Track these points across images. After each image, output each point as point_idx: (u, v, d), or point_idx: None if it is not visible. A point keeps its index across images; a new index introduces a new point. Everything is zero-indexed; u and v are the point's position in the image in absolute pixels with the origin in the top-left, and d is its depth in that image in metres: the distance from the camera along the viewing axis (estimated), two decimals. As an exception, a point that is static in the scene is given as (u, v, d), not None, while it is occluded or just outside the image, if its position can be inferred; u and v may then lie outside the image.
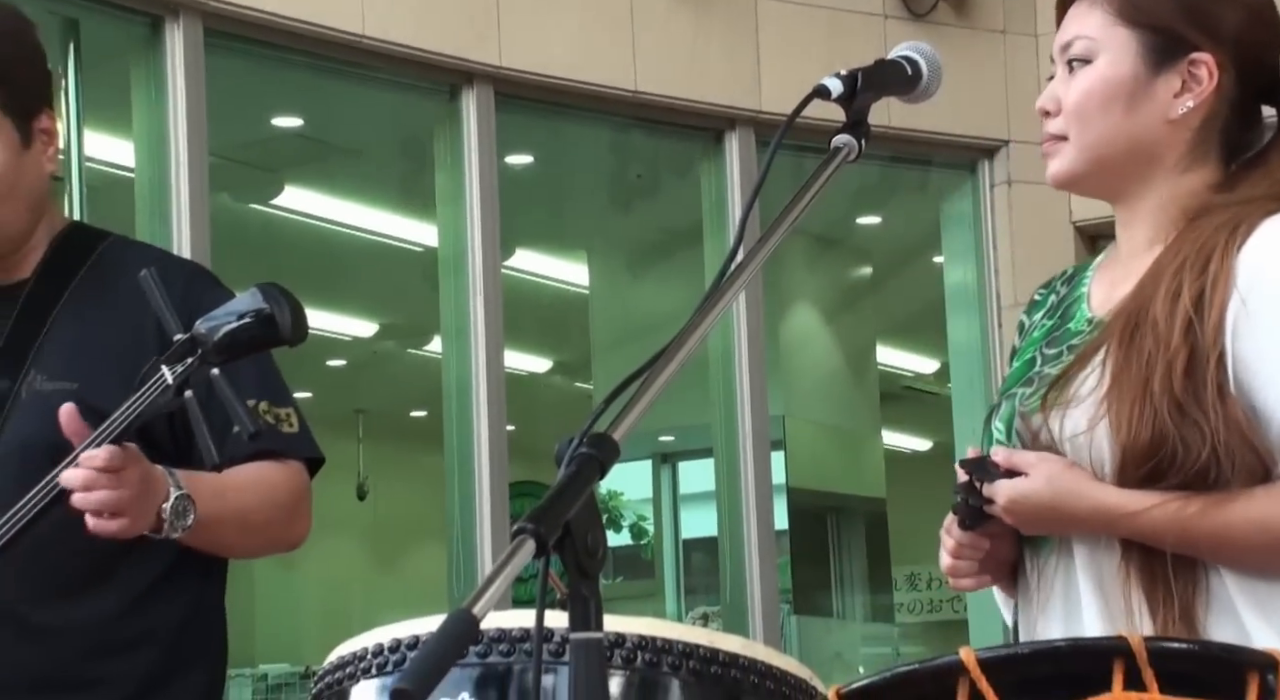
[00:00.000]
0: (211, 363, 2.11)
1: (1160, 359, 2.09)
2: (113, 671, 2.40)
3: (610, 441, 1.67)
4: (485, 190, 6.34)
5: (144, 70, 5.72)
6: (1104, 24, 2.22)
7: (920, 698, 1.71)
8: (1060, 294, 2.35)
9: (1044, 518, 2.14)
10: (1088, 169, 2.25)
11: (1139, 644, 1.66)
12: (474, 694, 2.00)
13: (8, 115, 2.42)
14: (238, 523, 2.38)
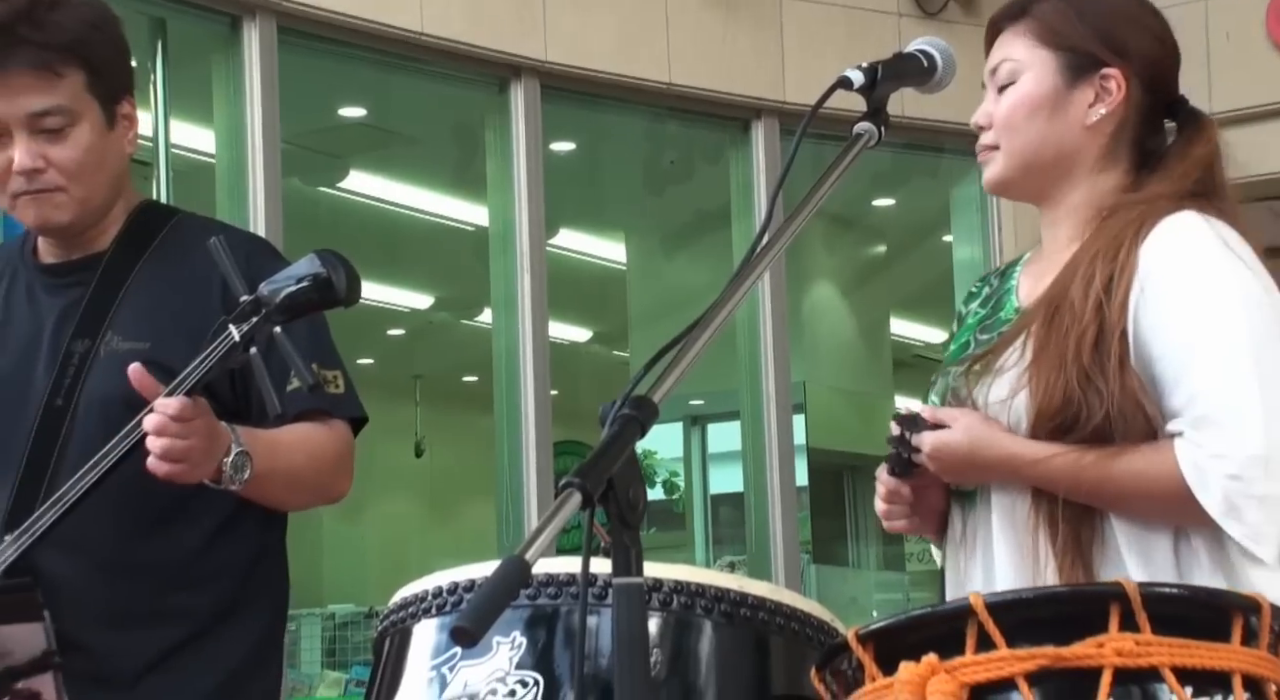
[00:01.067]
0: (274, 322, 2.12)
1: (1073, 334, 2.18)
2: (184, 606, 2.41)
3: (650, 404, 1.68)
4: (531, 175, 6.35)
5: (224, 65, 5.74)
6: (1027, 48, 2.33)
7: (933, 637, 1.70)
8: (993, 286, 2.44)
9: (961, 464, 2.22)
10: (1016, 174, 2.34)
11: (1134, 589, 1.66)
12: (524, 633, 2.01)
13: (95, 100, 2.43)
14: (287, 479, 2.38)
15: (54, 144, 2.40)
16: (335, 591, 7.40)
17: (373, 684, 2.16)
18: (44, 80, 2.38)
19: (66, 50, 2.38)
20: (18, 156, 2.39)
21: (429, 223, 8.04)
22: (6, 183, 2.42)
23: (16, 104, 2.38)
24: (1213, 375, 2.14)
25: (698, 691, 2.03)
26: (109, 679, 2.32)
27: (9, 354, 2.47)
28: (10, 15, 2.36)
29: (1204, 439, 2.10)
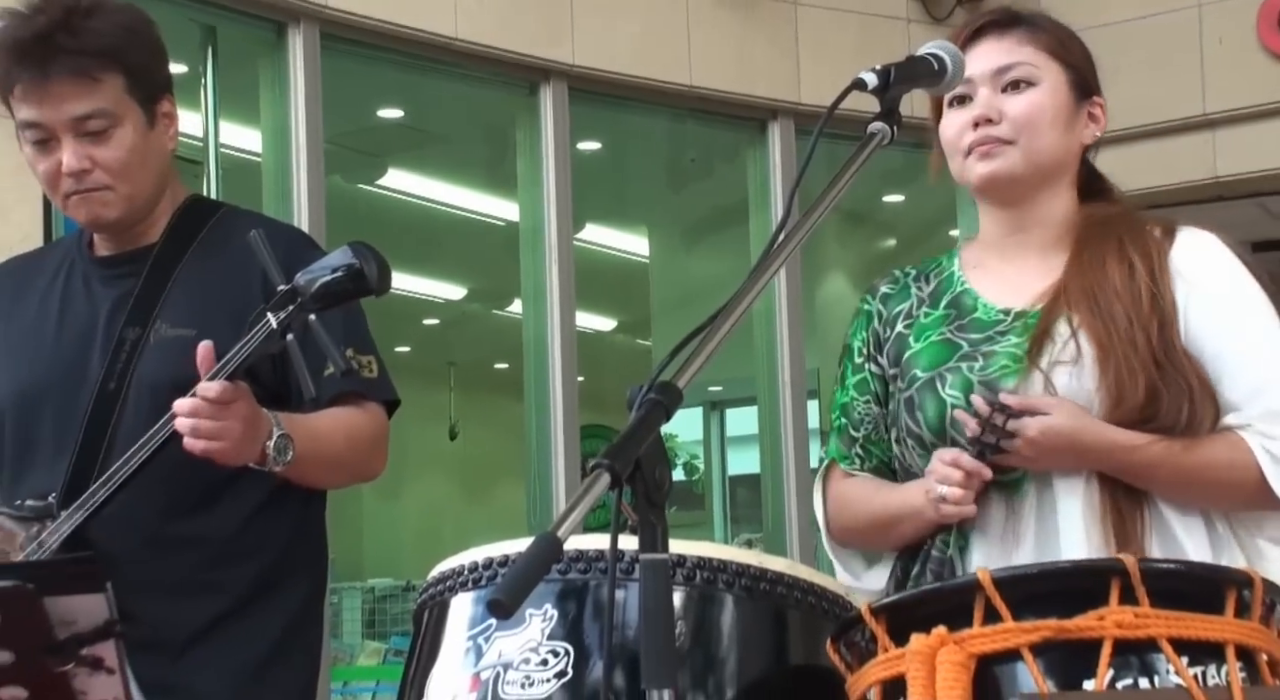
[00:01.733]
0: (309, 310, 2.13)
1: (1137, 325, 2.18)
2: (229, 578, 2.42)
3: (675, 389, 1.68)
4: (559, 172, 6.35)
5: (270, 69, 5.74)
6: (1038, 56, 2.33)
7: (942, 611, 1.71)
8: (925, 290, 2.41)
9: (1062, 449, 2.16)
10: (1026, 173, 2.32)
11: (1133, 564, 1.67)
12: (556, 606, 2.01)
13: (135, 101, 2.44)
14: (327, 460, 2.39)
15: (98, 145, 2.41)
16: (375, 566, 7.43)
17: (412, 654, 2.17)
18: (84, 86, 2.38)
19: (104, 56, 2.39)
20: (65, 159, 2.40)
21: (462, 218, 8.05)
22: (58, 184, 2.43)
23: (61, 110, 2.39)
24: (1271, 374, 2.18)
25: (719, 662, 2.03)
26: (160, 646, 2.33)
27: (67, 340, 2.48)
28: (48, 25, 2.37)
29: (1274, 428, 2.15)
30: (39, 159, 2.44)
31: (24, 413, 2.47)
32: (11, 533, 2.37)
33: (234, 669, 2.38)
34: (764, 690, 2.03)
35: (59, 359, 2.46)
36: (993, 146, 2.30)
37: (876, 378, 2.41)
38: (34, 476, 2.43)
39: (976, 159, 2.32)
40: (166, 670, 2.31)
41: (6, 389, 2.49)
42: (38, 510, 2.36)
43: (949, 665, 1.65)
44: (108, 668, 1.50)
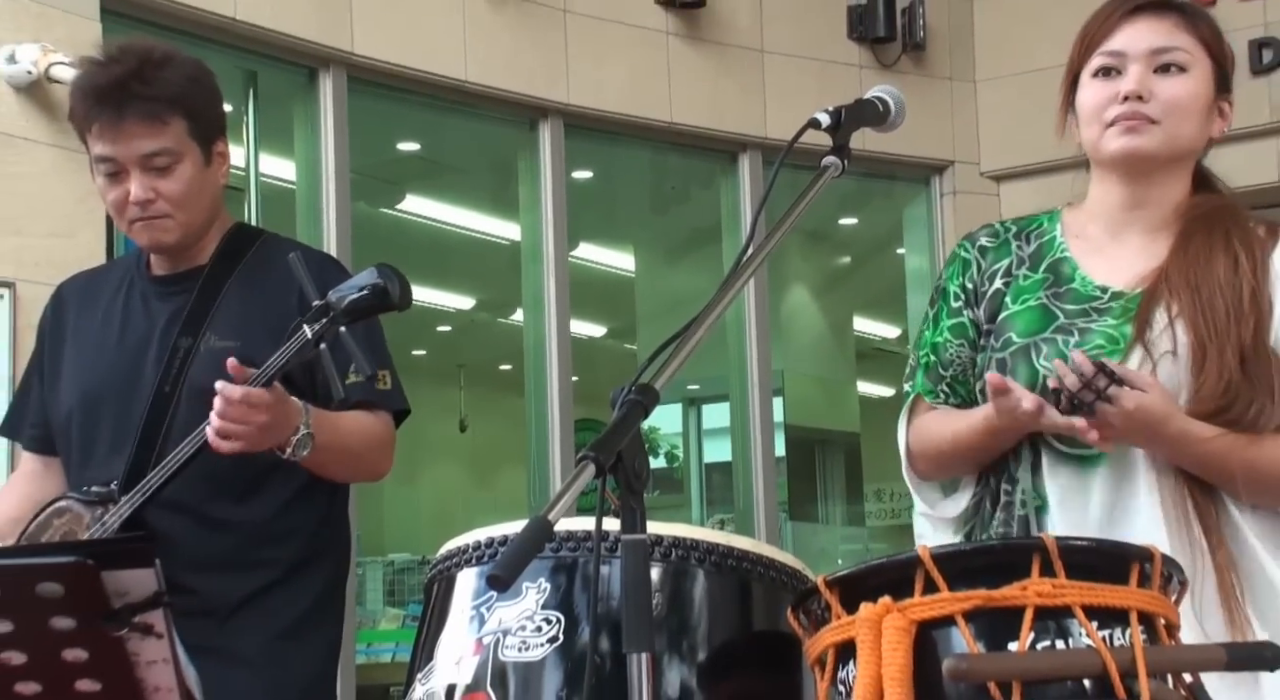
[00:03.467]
0: (340, 322, 2.13)
1: (1234, 317, 2.05)
2: (268, 557, 2.42)
3: (653, 390, 1.68)
4: (556, 198, 6.35)
5: (303, 109, 5.75)
6: (1193, 45, 2.16)
7: (887, 583, 1.70)
8: (1026, 250, 2.24)
9: (1144, 427, 2.02)
10: (1165, 154, 2.17)
11: (1052, 542, 1.66)
12: (549, 580, 2.01)
13: (195, 141, 2.44)
14: (342, 455, 2.39)
15: (162, 179, 2.41)
16: (394, 543, 7.41)
17: (423, 621, 2.17)
18: (153, 127, 2.39)
19: (171, 102, 2.39)
20: (133, 190, 2.40)
21: (471, 238, 8.04)
22: (124, 211, 2.43)
23: (131, 147, 2.39)
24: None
25: (692, 628, 2.02)
26: (208, 614, 2.33)
27: (127, 348, 2.48)
28: (124, 74, 2.38)
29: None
30: (109, 189, 2.44)
31: (89, 411, 2.47)
32: (79, 515, 2.37)
33: (270, 634, 2.39)
34: (731, 653, 2.03)
35: (120, 365, 2.47)
36: (1140, 123, 2.14)
37: (972, 324, 2.24)
38: (98, 467, 2.43)
39: (1120, 131, 2.14)
40: (213, 635, 2.31)
41: (74, 390, 2.50)
42: (101, 496, 2.36)
43: (893, 630, 1.65)
44: (157, 633, 1.50)
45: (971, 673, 1.61)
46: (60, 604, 1.44)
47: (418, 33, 5.89)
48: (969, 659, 1.62)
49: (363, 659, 6.34)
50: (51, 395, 2.54)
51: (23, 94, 4.80)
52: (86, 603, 1.45)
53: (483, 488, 9.64)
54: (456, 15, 6.01)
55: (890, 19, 6.97)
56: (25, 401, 2.62)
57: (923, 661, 1.64)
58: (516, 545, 1.55)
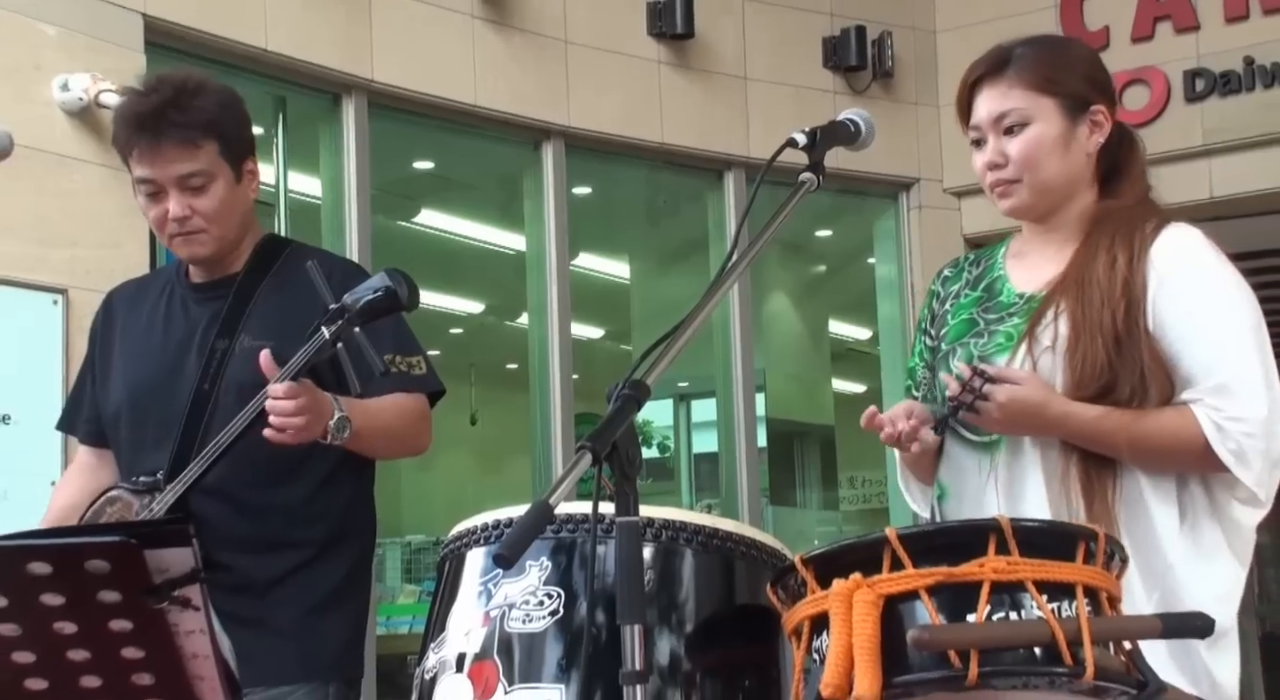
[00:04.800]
0: (355, 323, 2.13)
1: (1107, 307, 2.07)
2: (301, 537, 2.42)
3: (645, 386, 1.69)
4: (558, 212, 6.35)
5: (328, 130, 5.75)
6: (1027, 97, 2.19)
7: (858, 560, 1.71)
8: (973, 274, 2.30)
9: (1026, 415, 2.06)
10: (1038, 200, 2.20)
11: (1006, 523, 1.67)
12: (550, 558, 2.01)
13: (227, 162, 2.44)
14: (381, 434, 2.39)
15: (197, 197, 2.41)
16: (411, 525, 7.40)
17: (437, 595, 2.17)
18: (189, 151, 2.39)
19: (205, 128, 2.40)
20: (171, 208, 2.41)
21: (480, 248, 8.04)
22: (164, 227, 2.44)
23: (169, 169, 2.39)
24: (1226, 354, 2.06)
25: (681, 602, 2.03)
26: (247, 589, 2.34)
27: (170, 350, 2.48)
28: (162, 103, 2.39)
29: (1222, 404, 2.03)
30: (150, 207, 2.45)
31: (136, 407, 2.47)
32: (129, 502, 2.38)
33: (304, 607, 2.39)
34: (716, 625, 2.03)
35: (163, 364, 2.47)
36: (1005, 187, 2.20)
37: (929, 348, 2.31)
38: (145, 458, 2.43)
39: (997, 197, 2.22)
40: (252, 607, 2.32)
41: (122, 388, 2.50)
42: (148, 485, 2.37)
43: (863, 604, 1.65)
44: (194, 606, 1.50)
45: (934, 642, 1.62)
46: (107, 579, 1.45)
47: (432, 62, 5.90)
48: (931, 629, 1.63)
49: (382, 631, 6.33)
50: (102, 392, 2.55)
51: (75, 118, 4.81)
52: (130, 578, 1.46)
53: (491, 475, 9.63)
54: (467, 46, 6.02)
55: (861, 50, 7.02)
56: (79, 399, 2.62)
57: (889, 632, 1.64)
58: (520, 527, 1.56)
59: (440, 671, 2.05)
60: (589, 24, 6.42)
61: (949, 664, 1.62)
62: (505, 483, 9.44)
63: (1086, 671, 1.62)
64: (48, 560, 1.43)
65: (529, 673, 1.95)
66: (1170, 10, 6.96)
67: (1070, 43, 2.33)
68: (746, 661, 2.04)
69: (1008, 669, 1.63)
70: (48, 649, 1.48)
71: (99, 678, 1.51)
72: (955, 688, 1.63)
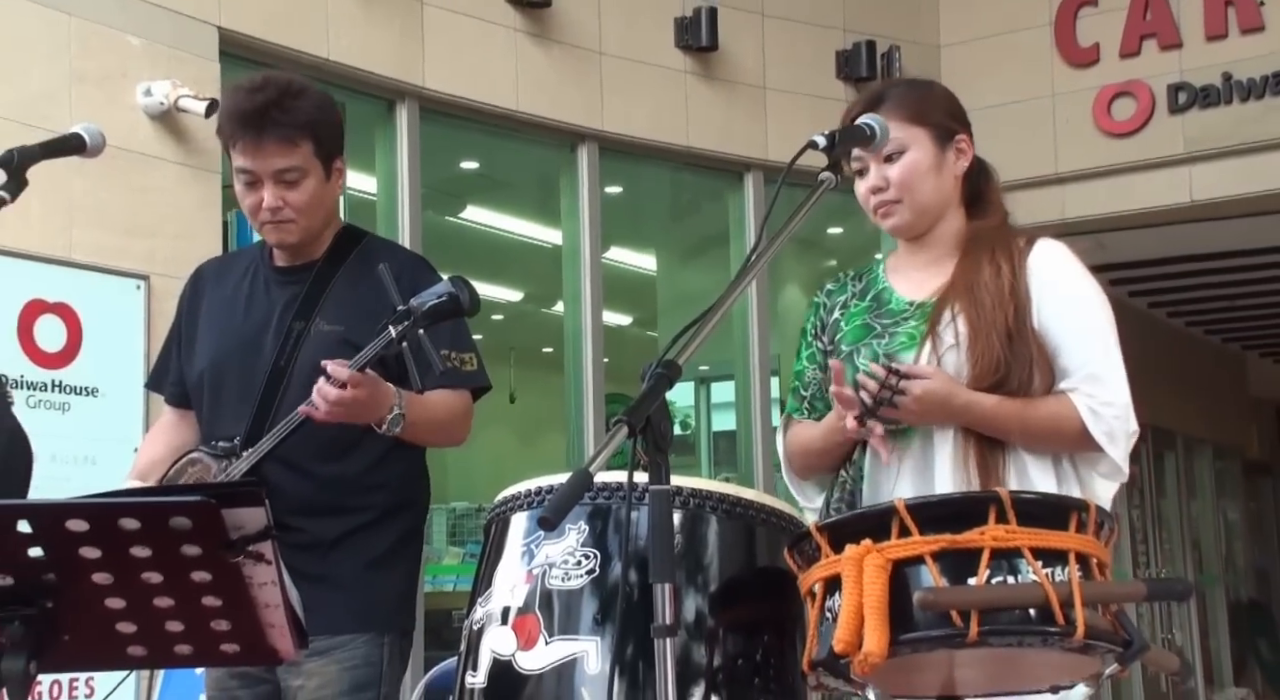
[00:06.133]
0: (420, 325, 2.13)
1: (999, 311, 2.16)
2: (364, 504, 2.42)
3: (676, 365, 1.69)
4: (591, 209, 6.35)
5: (383, 133, 5.75)
6: (903, 127, 2.25)
7: (868, 528, 1.72)
8: (857, 287, 2.38)
9: (935, 407, 2.13)
10: (917, 218, 2.29)
11: (1006, 495, 1.67)
12: (587, 522, 2.02)
13: (319, 161, 2.45)
14: (426, 427, 2.39)
15: (290, 190, 2.42)
16: (456, 493, 7.41)
17: (483, 555, 2.18)
18: (286, 148, 2.39)
19: (302, 128, 2.40)
20: (266, 198, 2.41)
21: (521, 242, 8.04)
22: (257, 214, 2.45)
23: (268, 163, 2.40)
24: (1096, 349, 2.16)
25: (706, 564, 2.04)
26: (313, 547, 2.35)
27: (250, 326, 2.49)
28: (266, 102, 2.39)
29: (1095, 391, 2.13)
30: (246, 195, 2.45)
31: (216, 375, 2.48)
32: (208, 465, 2.40)
33: (362, 564, 2.39)
34: (738, 585, 2.04)
35: (243, 340, 2.47)
36: (887, 208, 2.29)
37: (821, 352, 2.38)
38: (223, 424, 2.44)
39: (880, 217, 2.31)
40: (317, 564, 2.33)
41: (205, 356, 2.51)
42: (226, 451, 2.38)
43: (872, 567, 1.66)
44: (266, 560, 1.51)
45: (938, 603, 1.63)
46: (189, 535, 1.46)
47: (478, 71, 5.90)
48: (936, 591, 1.64)
49: (430, 588, 6.36)
50: (187, 360, 2.56)
51: (156, 121, 4.84)
52: (210, 534, 1.47)
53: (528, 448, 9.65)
54: (510, 57, 6.02)
55: (871, 62, 6.99)
56: (166, 362, 2.63)
57: (897, 593, 1.65)
58: (562, 493, 1.57)
59: (487, 624, 2.06)
60: (621, 37, 6.41)
61: (951, 623, 1.62)
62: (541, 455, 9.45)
63: (1077, 631, 1.63)
64: (137, 516, 1.44)
65: (568, 625, 1.97)
66: (1156, 29, 6.97)
67: (931, 83, 2.43)
68: (765, 619, 2.04)
69: (1005, 628, 1.63)
70: (136, 596, 1.49)
71: (181, 623, 1.52)
72: (957, 645, 1.64)
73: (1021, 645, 1.66)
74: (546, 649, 1.95)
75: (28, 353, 4.46)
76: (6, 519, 1.45)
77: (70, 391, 4.56)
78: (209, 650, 1.55)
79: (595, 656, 1.93)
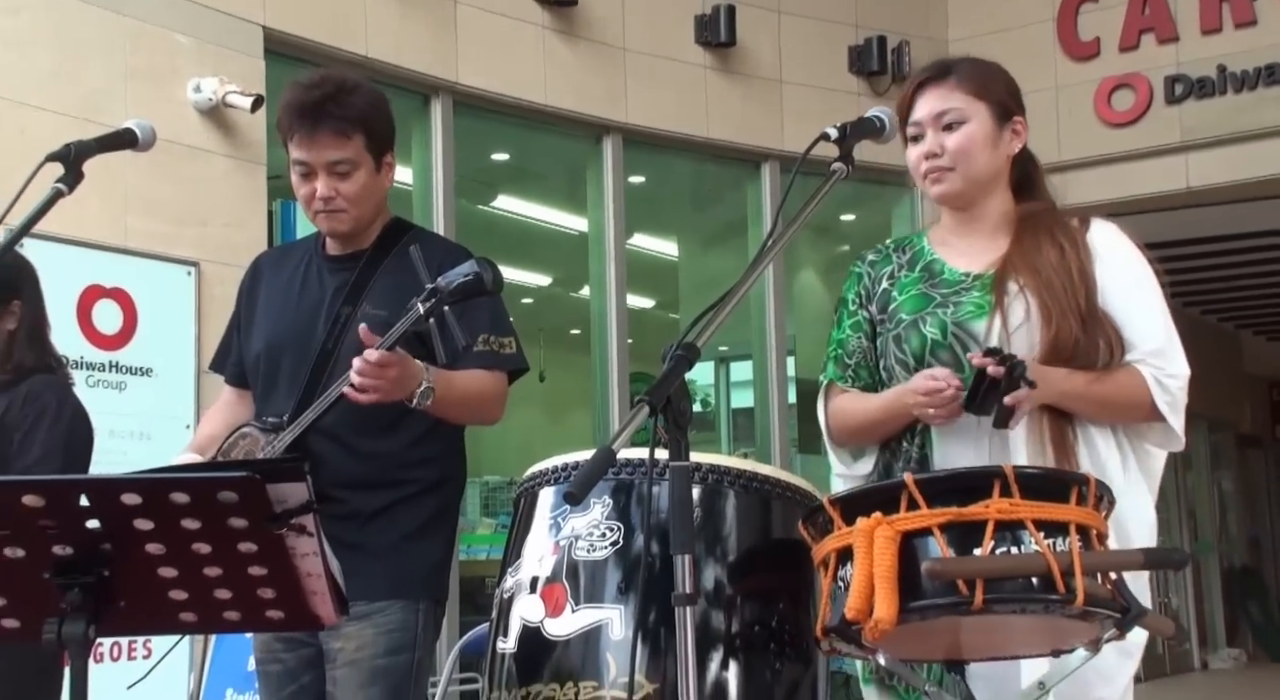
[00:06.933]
0: (445, 302, 2.12)
1: (1070, 292, 2.11)
2: (405, 478, 2.42)
3: (695, 347, 1.68)
4: (616, 198, 6.34)
5: (419, 126, 5.75)
6: (965, 100, 2.21)
7: (879, 501, 1.71)
8: (903, 258, 2.29)
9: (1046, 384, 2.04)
10: (967, 188, 2.22)
11: (1010, 470, 1.66)
12: (611, 496, 2.02)
13: (370, 154, 2.44)
14: (459, 404, 2.37)
15: (342, 181, 2.41)
16: (488, 467, 7.42)
17: (512, 527, 2.18)
18: (340, 140, 2.39)
19: (355, 122, 2.40)
20: (319, 189, 2.41)
21: (549, 229, 8.03)
22: (311, 204, 2.45)
23: (322, 155, 2.39)
24: (1159, 324, 2.13)
25: (724, 536, 2.03)
26: (353, 518, 2.35)
27: (303, 311, 2.49)
28: (322, 97, 2.39)
29: (1161, 364, 2.10)
30: (301, 185, 2.45)
31: (271, 357, 2.49)
32: (256, 438, 2.40)
33: (401, 535, 2.39)
34: (755, 556, 2.04)
35: (297, 323, 2.47)
36: (939, 174, 2.21)
37: (867, 320, 2.29)
38: (274, 402, 2.44)
39: (930, 183, 2.23)
40: (355, 534, 2.33)
41: (261, 339, 2.52)
42: (274, 425, 2.38)
43: (883, 538, 1.65)
44: (308, 532, 1.52)
45: (945, 572, 1.62)
46: (235, 508, 1.46)
47: (508, 67, 5.89)
48: (943, 561, 1.63)
49: (463, 557, 6.38)
50: (245, 342, 2.57)
51: (205, 116, 4.86)
52: (255, 507, 1.47)
53: (556, 425, 9.66)
54: (538, 53, 6.00)
55: (882, 57, 6.96)
56: (227, 345, 2.65)
57: (906, 563, 1.65)
58: (586, 469, 1.56)
59: (517, 592, 2.07)
60: (644, 34, 6.39)
61: (957, 591, 1.62)
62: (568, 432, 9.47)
63: (1077, 598, 1.62)
64: (187, 491, 1.45)
65: (593, 594, 1.97)
66: (1154, 23, 6.94)
67: (997, 64, 2.33)
68: (780, 587, 2.04)
69: (1009, 596, 1.62)
70: (187, 565, 1.50)
71: (229, 590, 1.53)
72: (962, 612, 1.63)
73: (1024, 612, 1.65)
74: (573, 616, 1.96)
75: (86, 335, 4.49)
76: (67, 494, 1.46)
77: (126, 371, 4.59)
78: (255, 616, 1.56)
79: (619, 623, 1.93)
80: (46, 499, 1.45)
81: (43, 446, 2.61)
